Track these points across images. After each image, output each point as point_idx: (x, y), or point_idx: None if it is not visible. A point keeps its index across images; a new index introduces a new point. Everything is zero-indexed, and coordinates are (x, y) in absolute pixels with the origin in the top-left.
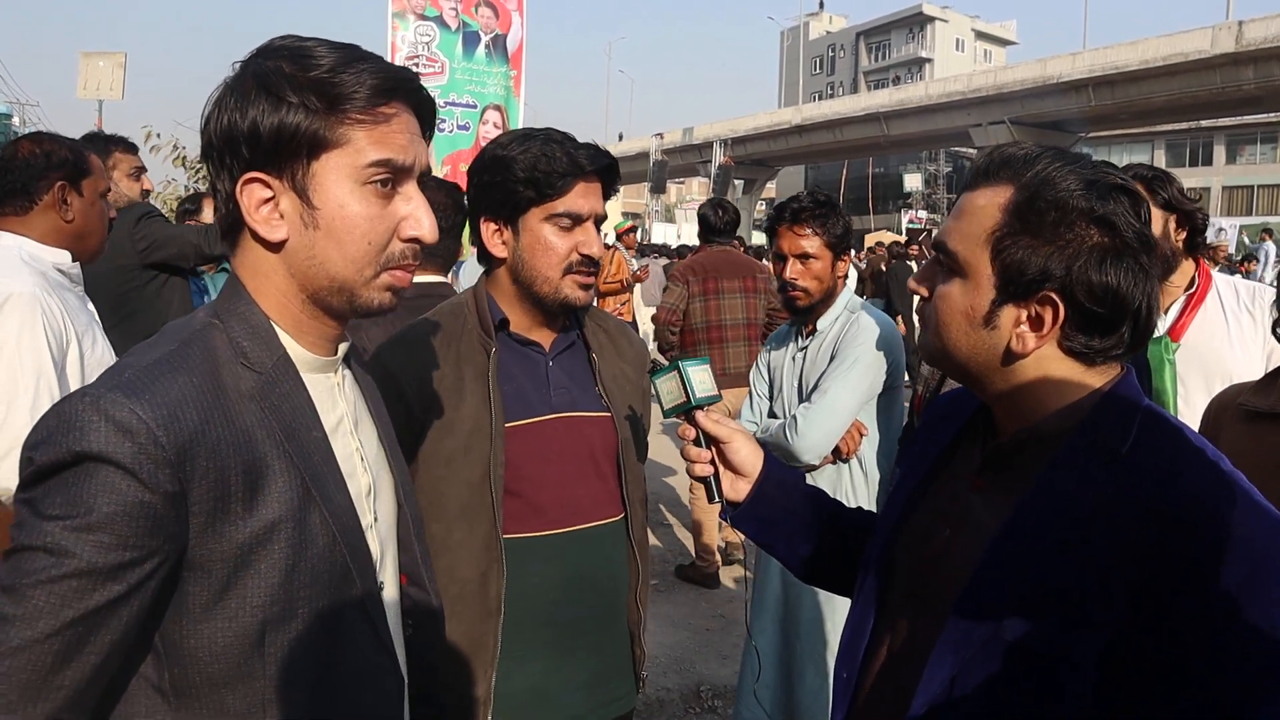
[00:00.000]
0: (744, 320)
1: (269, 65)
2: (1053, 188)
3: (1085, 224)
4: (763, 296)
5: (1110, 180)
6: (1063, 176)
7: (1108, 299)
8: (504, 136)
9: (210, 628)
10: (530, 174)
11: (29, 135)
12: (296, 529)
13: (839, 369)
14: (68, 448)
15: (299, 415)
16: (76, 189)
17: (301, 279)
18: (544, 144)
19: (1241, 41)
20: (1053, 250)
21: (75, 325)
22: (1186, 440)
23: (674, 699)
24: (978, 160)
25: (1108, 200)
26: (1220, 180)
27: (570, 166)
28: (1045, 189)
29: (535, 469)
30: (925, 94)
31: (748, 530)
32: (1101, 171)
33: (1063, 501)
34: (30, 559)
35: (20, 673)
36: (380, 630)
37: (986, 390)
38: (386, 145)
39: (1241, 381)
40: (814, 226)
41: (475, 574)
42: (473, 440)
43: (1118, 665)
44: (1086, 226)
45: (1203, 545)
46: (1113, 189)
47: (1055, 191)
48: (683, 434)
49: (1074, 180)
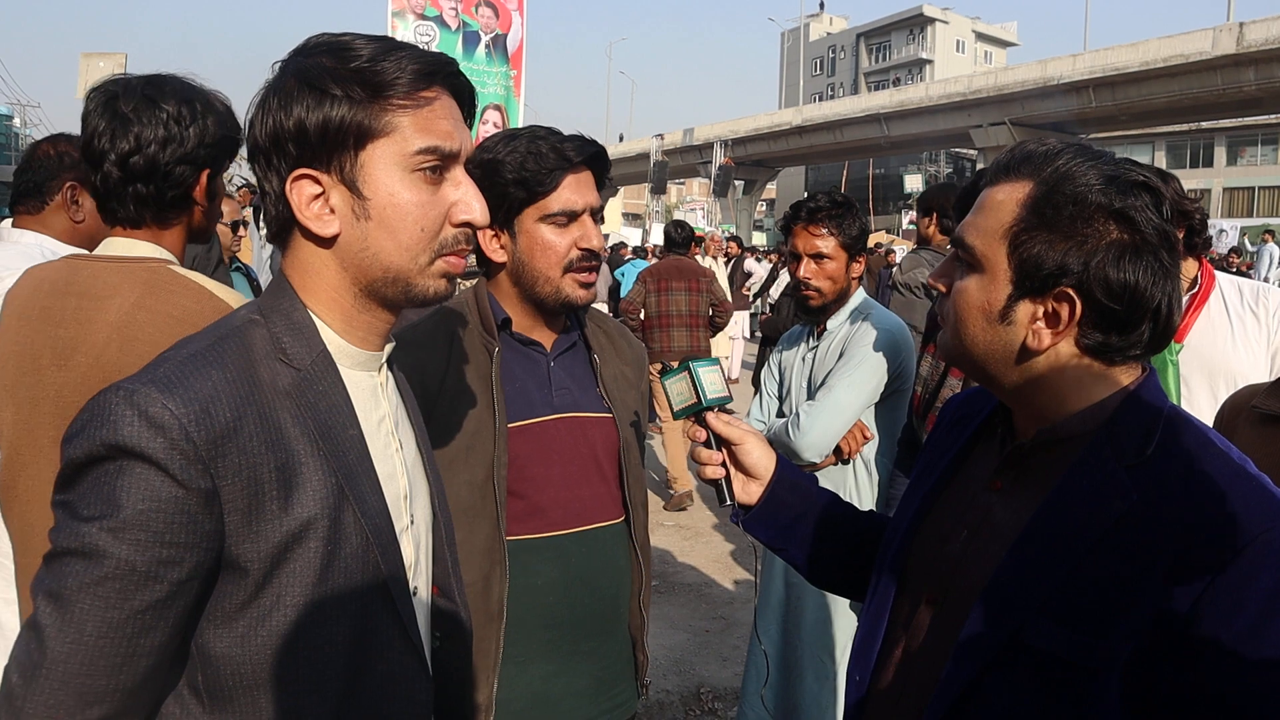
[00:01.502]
0: (687, 311)
1: (309, 62)
2: (1072, 182)
3: (1104, 219)
4: (705, 295)
5: (1132, 176)
6: (1083, 172)
7: (1125, 296)
8: (489, 140)
9: (244, 627)
10: (519, 174)
11: (49, 137)
12: (331, 528)
13: (844, 368)
14: (100, 440)
15: (335, 413)
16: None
17: (355, 272)
18: (530, 141)
19: (1242, 43)
20: (1070, 245)
21: None
22: (1211, 444)
23: (674, 701)
24: (1000, 157)
25: (1128, 196)
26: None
27: (558, 160)
28: (1064, 184)
29: (538, 469)
30: (926, 95)
31: (759, 535)
32: (1123, 167)
33: (1086, 505)
34: (70, 563)
35: (74, 678)
36: (411, 634)
37: (1004, 388)
38: (433, 131)
39: (1249, 384)
40: (830, 226)
41: (477, 576)
42: (475, 440)
43: (1142, 679)
44: (1105, 222)
45: (1226, 554)
46: (1134, 185)
47: (1074, 186)
48: (693, 435)
49: (1094, 175)
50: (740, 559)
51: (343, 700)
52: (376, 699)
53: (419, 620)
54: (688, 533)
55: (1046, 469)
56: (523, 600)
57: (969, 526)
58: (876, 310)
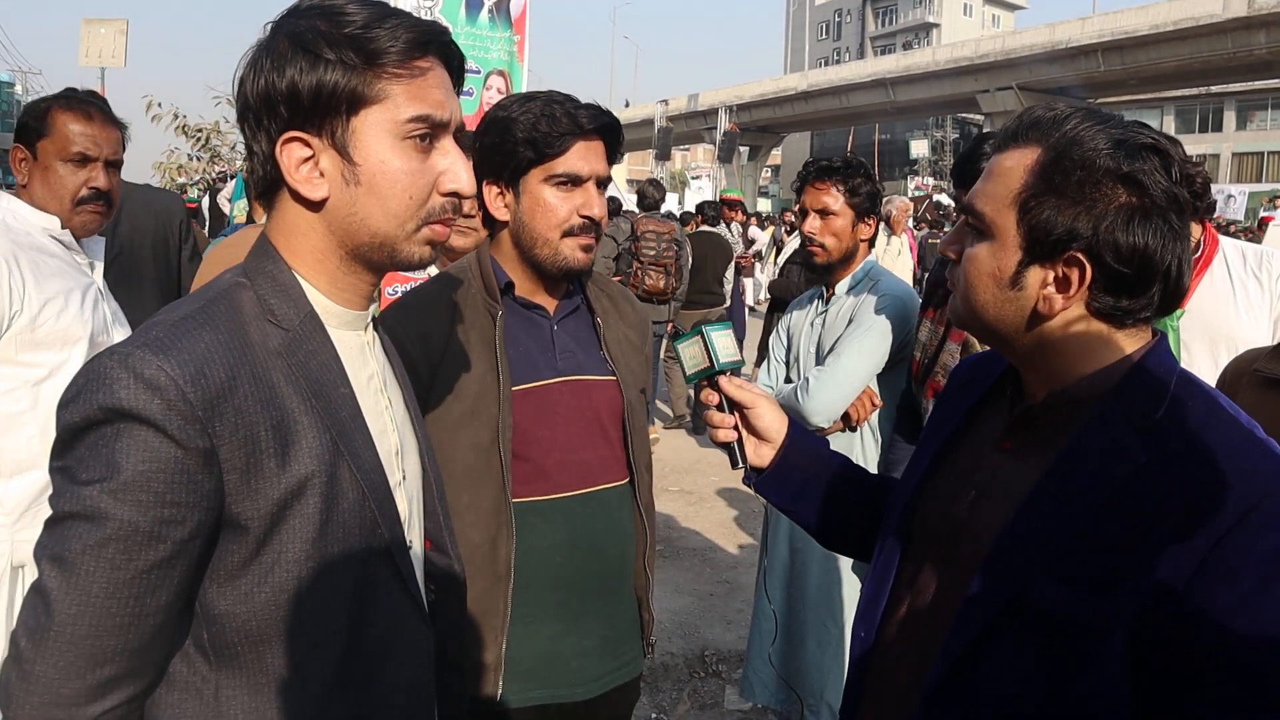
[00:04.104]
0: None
1: (303, 24)
2: (1079, 147)
3: (1112, 183)
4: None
5: (1140, 139)
6: (1091, 136)
7: (1135, 260)
8: (506, 99)
9: (247, 585)
10: (530, 134)
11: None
12: (328, 484)
13: (854, 334)
14: (97, 404)
15: (326, 371)
16: (32, 152)
17: (342, 235)
18: (545, 104)
19: (1253, 5)
20: (1079, 210)
21: (42, 291)
22: (1220, 408)
23: (679, 664)
24: (1008, 123)
25: (1136, 159)
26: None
27: (570, 126)
28: (1072, 148)
29: (542, 432)
30: (932, 59)
31: (771, 496)
32: (1132, 131)
33: (1095, 466)
34: (72, 526)
35: (83, 639)
36: (410, 586)
37: (1015, 352)
38: (424, 100)
39: (1253, 348)
40: (838, 184)
41: (484, 538)
42: (480, 404)
43: (1145, 639)
44: (1114, 186)
45: (1232, 516)
46: (1142, 148)
47: (1082, 150)
48: (706, 399)
49: (1102, 139)
50: (744, 524)
51: (346, 652)
52: (379, 650)
53: (416, 573)
54: (692, 498)
55: (1055, 431)
56: (530, 561)
57: (976, 487)
58: (886, 277)
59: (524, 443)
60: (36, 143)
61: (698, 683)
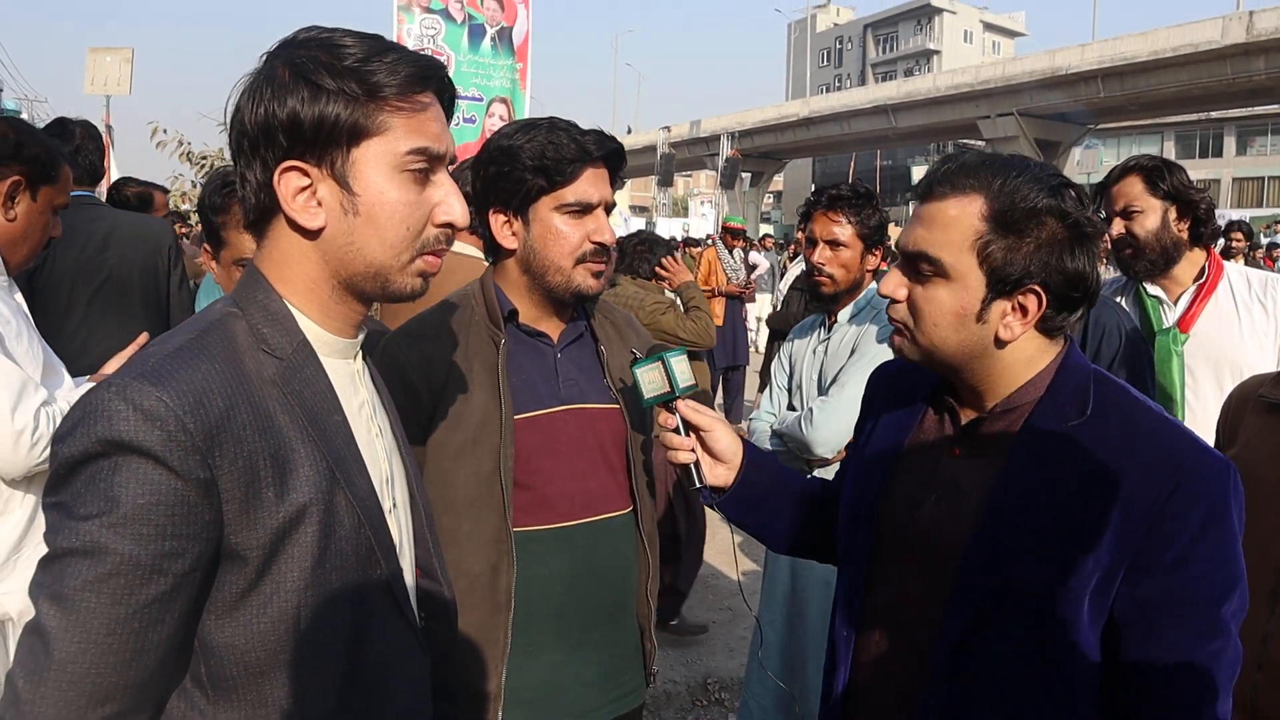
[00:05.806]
0: None
1: (303, 54)
2: (1021, 193)
3: (1053, 220)
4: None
5: (1058, 179)
6: (1026, 181)
7: (1079, 281)
8: (508, 127)
9: (246, 616)
10: (539, 162)
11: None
12: (325, 512)
13: (857, 363)
14: (96, 436)
15: (321, 399)
16: (32, 192)
17: (336, 265)
18: (550, 131)
19: (1252, 32)
20: (1032, 248)
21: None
22: (1134, 398)
23: (681, 692)
24: (931, 172)
25: (1060, 196)
26: (1230, 172)
27: (578, 152)
28: (1016, 196)
29: (545, 461)
30: (933, 86)
31: (732, 514)
32: (1047, 172)
33: (1043, 460)
34: (71, 562)
35: (84, 677)
36: (406, 611)
37: (969, 374)
38: (423, 133)
39: (1258, 374)
40: (848, 214)
41: (485, 567)
42: (482, 432)
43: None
44: (1053, 221)
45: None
46: (1062, 185)
47: (1024, 196)
48: (664, 422)
49: (1034, 183)
50: (747, 551)
51: (345, 680)
52: (378, 678)
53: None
54: None
55: (999, 434)
56: (531, 590)
57: (936, 490)
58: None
59: (526, 471)
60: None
61: (700, 711)
